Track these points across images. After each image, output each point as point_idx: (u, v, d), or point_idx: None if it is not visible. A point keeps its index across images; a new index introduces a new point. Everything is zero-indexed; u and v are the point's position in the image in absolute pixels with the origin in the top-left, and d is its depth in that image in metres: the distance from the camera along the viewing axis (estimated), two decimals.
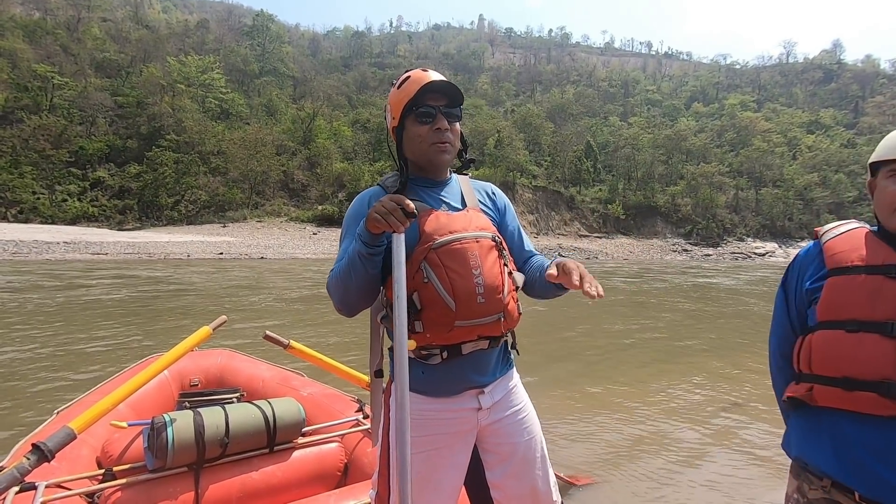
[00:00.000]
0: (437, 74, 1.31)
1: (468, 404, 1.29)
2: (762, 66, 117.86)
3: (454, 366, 1.25)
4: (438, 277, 1.19)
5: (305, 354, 2.44)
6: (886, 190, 1.10)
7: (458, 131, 1.36)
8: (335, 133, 50.26)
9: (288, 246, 29.80)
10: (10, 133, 35.80)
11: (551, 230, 48.68)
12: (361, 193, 1.38)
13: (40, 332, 6.73)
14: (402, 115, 1.31)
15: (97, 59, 47.32)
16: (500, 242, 1.31)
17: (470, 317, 1.20)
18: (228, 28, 77.26)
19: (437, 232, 1.23)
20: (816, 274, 1.15)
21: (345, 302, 1.25)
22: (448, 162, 1.35)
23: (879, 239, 1.11)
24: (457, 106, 1.33)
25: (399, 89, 1.31)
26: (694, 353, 6.75)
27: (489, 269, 1.23)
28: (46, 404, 3.97)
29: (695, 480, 3.13)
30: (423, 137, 1.30)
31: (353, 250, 1.19)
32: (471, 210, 1.34)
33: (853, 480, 1.03)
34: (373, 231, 1.14)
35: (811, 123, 76.79)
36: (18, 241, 22.04)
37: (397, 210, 1.10)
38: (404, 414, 1.11)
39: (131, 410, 2.27)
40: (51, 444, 1.57)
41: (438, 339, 1.21)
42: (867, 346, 1.02)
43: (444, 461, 1.26)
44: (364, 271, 1.18)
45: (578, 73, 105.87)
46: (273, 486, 1.92)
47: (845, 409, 1.05)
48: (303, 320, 8.48)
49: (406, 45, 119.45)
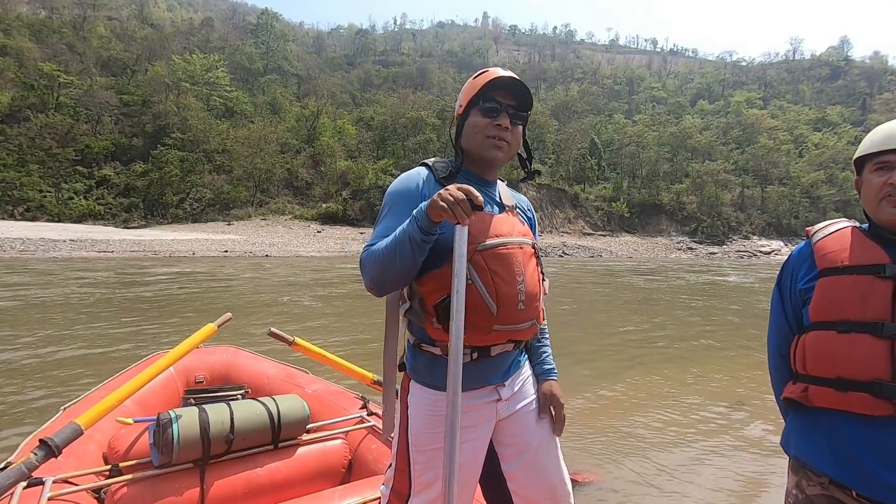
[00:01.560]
0: (512, 74, 1.31)
1: (488, 397, 1.30)
2: (768, 63, 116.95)
3: (482, 365, 1.26)
4: (483, 280, 1.16)
5: (310, 351, 2.44)
6: (871, 182, 1.12)
7: (520, 136, 1.34)
8: (339, 131, 50.28)
9: (292, 244, 29.88)
10: (17, 131, 36.00)
11: (556, 228, 48.58)
12: (408, 172, 1.33)
13: (41, 330, 6.79)
14: (468, 105, 1.30)
15: (103, 58, 47.51)
16: (538, 250, 1.34)
17: (509, 322, 1.20)
18: (233, 26, 77.40)
19: (485, 234, 1.19)
20: (809, 274, 1.16)
21: (380, 282, 1.19)
22: (499, 161, 1.31)
23: (869, 237, 1.12)
24: (525, 110, 1.32)
25: (474, 79, 1.32)
26: (699, 351, 6.73)
27: (531, 277, 1.24)
28: (53, 399, 4.01)
29: (696, 476, 3.13)
30: (480, 129, 1.28)
31: (403, 233, 1.14)
32: (511, 215, 1.33)
33: (850, 479, 1.04)
34: (434, 218, 1.10)
35: (818, 121, 76.24)
36: (25, 239, 22.19)
37: (465, 202, 1.05)
38: (456, 412, 1.08)
39: (137, 407, 2.29)
40: (58, 439, 1.58)
41: (473, 341, 1.19)
42: (859, 346, 1.03)
43: (462, 455, 1.25)
44: (412, 256, 1.13)
45: (583, 70, 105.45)
46: (278, 482, 1.93)
47: (840, 410, 1.05)
48: (307, 317, 8.51)
49: (410, 42, 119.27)
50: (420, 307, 1.22)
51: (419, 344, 1.28)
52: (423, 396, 1.27)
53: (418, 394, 1.28)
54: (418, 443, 1.26)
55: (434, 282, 1.18)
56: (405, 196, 1.26)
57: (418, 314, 1.23)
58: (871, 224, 1.15)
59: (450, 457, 1.09)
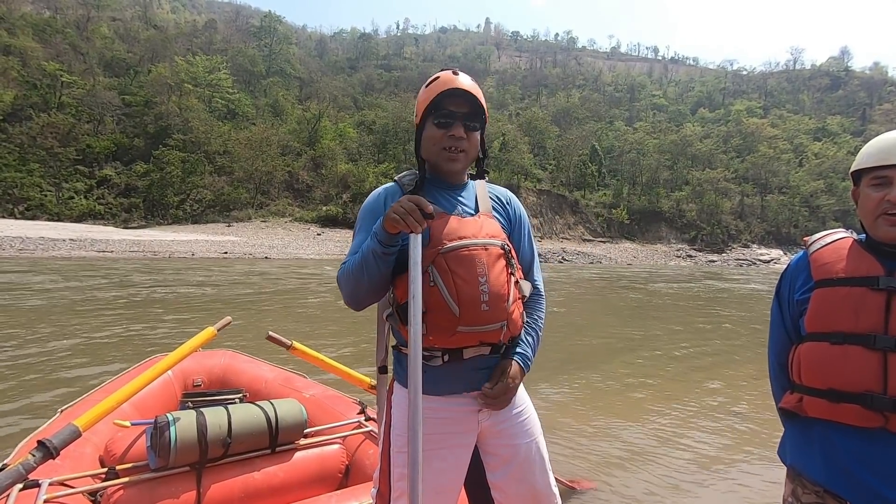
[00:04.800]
0: (466, 79, 1.30)
1: (468, 405, 1.30)
2: (769, 73, 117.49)
3: (454, 369, 1.26)
4: (444, 282, 1.19)
5: (308, 355, 2.44)
6: (869, 197, 1.11)
7: (478, 140, 1.34)
8: (340, 134, 50.42)
9: (292, 246, 29.88)
10: (19, 130, 36.06)
11: (555, 234, 48.63)
12: (377, 189, 1.38)
13: (38, 330, 6.78)
14: (423, 116, 1.31)
15: (106, 58, 47.67)
16: (508, 251, 1.30)
17: (473, 323, 1.21)
18: (236, 29, 77.66)
19: (447, 237, 1.23)
20: (805, 285, 1.16)
21: (354, 297, 1.27)
22: (457, 170, 1.34)
23: (864, 249, 1.12)
24: (479, 115, 1.32)
25: (427, 88, 1.31)
26: (698, 358, 6.72)
27: (496, 278, 1.23)
28: (49, 397, 4.00)
29: (694, 484, 3.12)
30: (436, 141, 1.29)
31: (367, 248, 1.20)
32: (482, 216, 1.33)
33: (843, 489, 1.06)
34: (390, 230, 1.16)
35: (818, 130, 76.55)
36: (25, 238, 22.18)
37: (416, 211, 1.11)
38: (417, 411, 1.13)
39: (134, 410, 2.28)
40: (56, 441, 1.58)
41: (440, 343, 1.22)
42: (851, 358, 1.03)
43: (444, 463, 1.27)
44: (377, 269, 1.20)
45: (584, 77, 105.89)
46: (274, 486, 1.93)
47: (833, 421, 1.07)
48: (305, 321, 8.50)
49: (412, 47, 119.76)
50: (395, 311, 1.27)
51: (399, 347, 1.33)
52: (404, 397, 1.30)
53: (399, 394, 1.32)
54: (398, 442, 1.29)
55: (402, 285, 1.22)
56: (372, 213, 1.32)
57: (395, 318, 1.28)
58: (867, 235, 1.15)
59: (413, 455, 1.12)
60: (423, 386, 1.23)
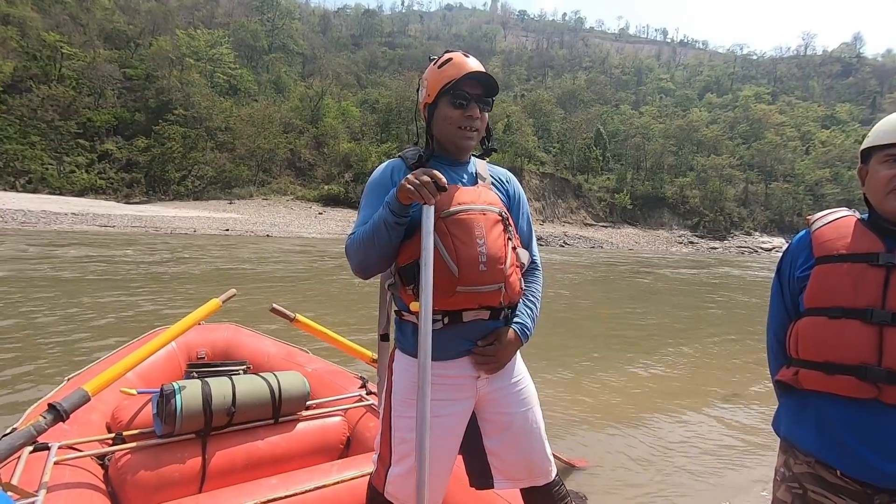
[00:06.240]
0: (476, 62, 1.37)
1: (467, 371, 1.33)
2: (779, 58, 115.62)
3: (454, 331, 1.30)
4: (444, 244, 1.25)
5: (311, 328, 2.46)
6: (879, 174, 1.12)
7: (487, 120, 1.41)
8: (343, 113, 49.94)
9: (293, 224, 29.89)
10: (19, 102, 35.77)
11: (557, 218, 48.53)
12: (383, 164, 1.44)
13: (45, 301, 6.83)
14: (437, 95, 1.35)
15: (106, 30, 46.98)
16: (506, 218, 1.36)
17: (471, 283, 1.25)
18: (238, 2, 76.14)
19: (448, 203, 1.29)
20: (807, 262, 1.19)
21: (363, 265, 1.31)
22: (471, 147, 1.42)
23: (866, 227, 1.14)
24: (491, 97, 1.39)
25: (439, 69, 1.36)
26: (695, 340, 6.77)
27: (493, 241, 1.29)
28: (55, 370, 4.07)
29: (687, 460, 3.19)
30: (453, 120, 1.35)
31: (378, 218, 1.25)
32: (481, 186, 1.39)
33: (835, 459, 1.09)
34: (403, 201, 1.21)
35: (826, 118, 75.64)
36: (27, 211, 22.20)
37: (430, 183, 1.17)
38: (426, 375, 1.19)
39: (140, 379, 2.32)
40: (66, 404, 1.61)
41: (440, 304, 1.25)
42: (848, 332, 1.06)
43: (441, 429, 1.30)
44: (388, 238, 1.25)
45: (591, 59, 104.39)
46: (277, 455, 1.97)
47: (828, 392, 1.10)
48: (307, 297, 8.56)
49: (417, 25, 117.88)
50: (396, 277, 1.33)
51: (400, 313, 1.38)
52: (405, 363, 1.35)
53: (401, 361, 1.37)
54: (400, 408, 1.34)
55: (404, 251, 1.29)
56: (380, 186, 1.37)
57: (396, 283, 1.33)
58: (871, 213, 1.17)
59: (422, 416, 1.18)
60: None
